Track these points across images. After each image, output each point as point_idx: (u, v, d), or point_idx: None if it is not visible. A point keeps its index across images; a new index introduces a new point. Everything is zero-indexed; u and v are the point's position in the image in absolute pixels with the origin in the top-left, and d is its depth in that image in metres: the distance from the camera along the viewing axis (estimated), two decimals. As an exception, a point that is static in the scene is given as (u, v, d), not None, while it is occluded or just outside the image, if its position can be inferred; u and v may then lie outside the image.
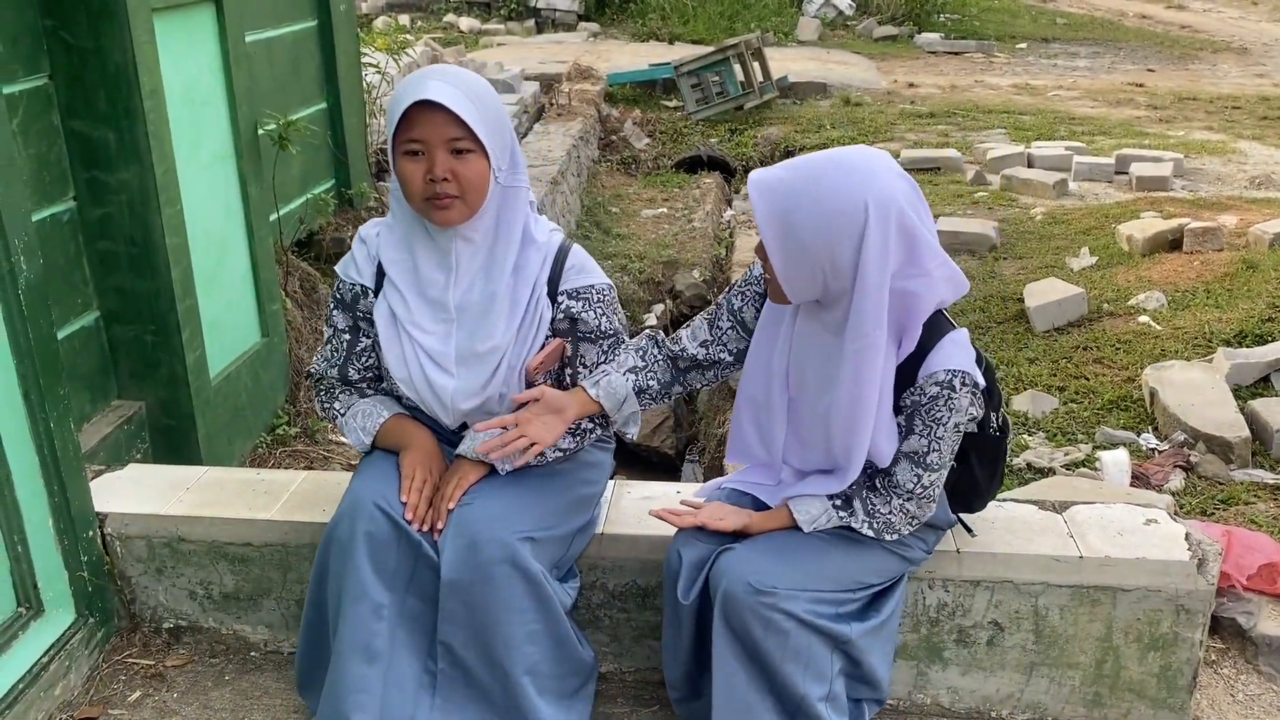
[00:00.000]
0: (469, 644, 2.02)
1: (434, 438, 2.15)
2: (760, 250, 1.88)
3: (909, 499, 1.96)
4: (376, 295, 2.09)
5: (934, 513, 2.06)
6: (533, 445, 2.00)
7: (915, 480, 1.95)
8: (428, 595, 2.03)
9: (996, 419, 2.06)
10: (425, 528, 2.02)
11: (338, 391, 2.21)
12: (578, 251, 2.10)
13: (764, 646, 1.93)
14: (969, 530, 2.24)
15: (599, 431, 2.16)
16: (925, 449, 1.92)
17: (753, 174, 1.84)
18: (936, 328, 1.90)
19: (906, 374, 1.90)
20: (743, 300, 2.10)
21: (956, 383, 1.87)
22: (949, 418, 1.89)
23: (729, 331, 2.11)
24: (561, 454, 2.13)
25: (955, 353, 1.88)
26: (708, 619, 2.02)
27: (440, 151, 1.89)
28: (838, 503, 2.00)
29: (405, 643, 2.03)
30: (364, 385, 2.20)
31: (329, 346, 2.18)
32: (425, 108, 1.86)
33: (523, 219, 2.04)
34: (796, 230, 1.79)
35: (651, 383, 2.12)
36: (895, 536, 2.01)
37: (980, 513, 2.33)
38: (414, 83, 1.89)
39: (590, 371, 2.11)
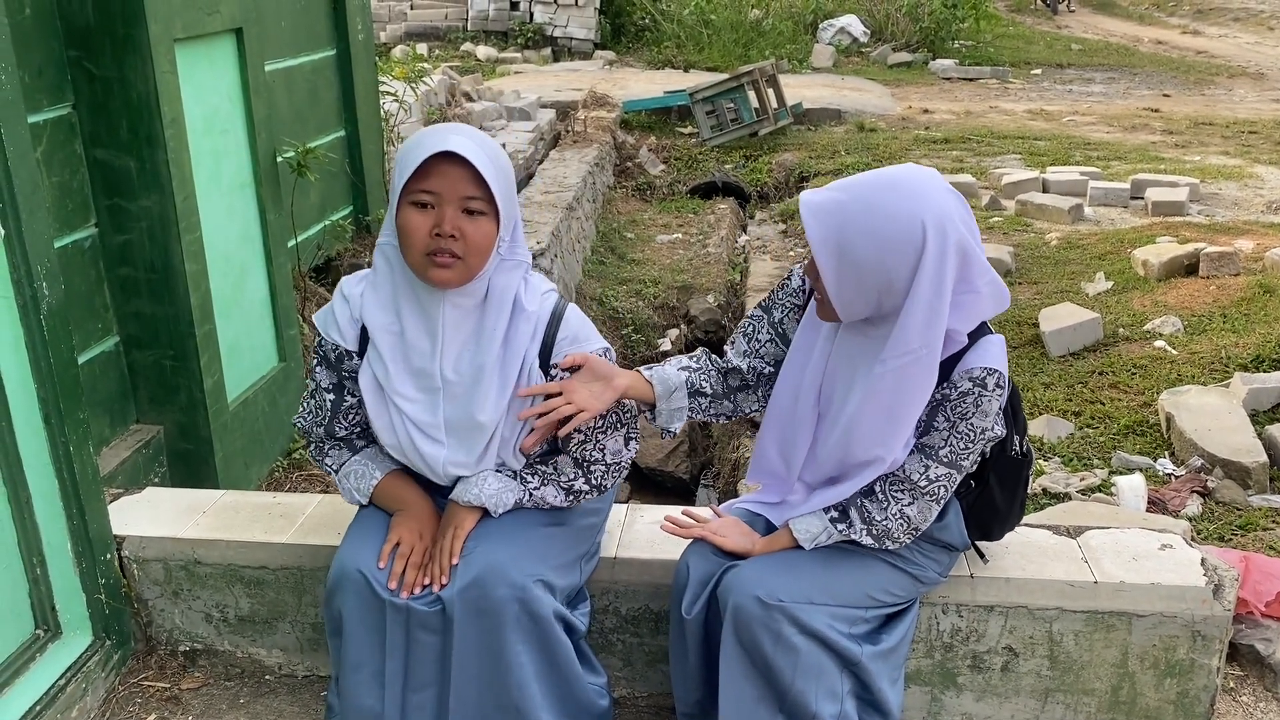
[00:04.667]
0: (484, 695, 1.99)
1: (429, 500, 2.10)
2: (811, 270, 1.88)
3: (910, 500, 1.94)
4: (361, 356, 2.02)
5: (946, 531, 2.05)
6: (580, 413, 1.92)
7: (921, 472, 1.92)
8: (431, 655, 1.99)
9: (1019, 443, 2.06)
10: (413, 593, 1.97)
11: (328, 447, 2.14)
12: (570, 319, 2.02)
13: (775, 664, 1.92)
14: (982, 556, 2.23)
15: (593, 494, 2.10)
16: (940, 443, 1.91)
17: (804, 195, 1.84)
18: (980, 329, 1.91)
19: (941, 373, 1.89)
20: (783, 312, 2.10)
21: (990, 381, 1.86)
22: (973, 414, 1.88)
23: (768, 344, 2.10)
24: (551, 508, 2.08)
25: (994, 352, 1.88)
26: (712, 636, 2.02)
27: (451, 207, 1.83)
28: (834, 515, 1.99)
29: (416, 705, 2.02)
30: (353, 439, 2.14)
31: (313, 402, 2.10)
32: (444, 160, 1.81)
33: (515, 290, 1.97)
34: (852, 252, 1.78)
35: (705, 385, 2.10)
36: (895, 545, 1.98)
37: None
38: (433, 134, 1.84)
39: (586, 437, 2.05)
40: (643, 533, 2.40)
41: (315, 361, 2.09)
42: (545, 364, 2.00)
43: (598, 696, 2.11)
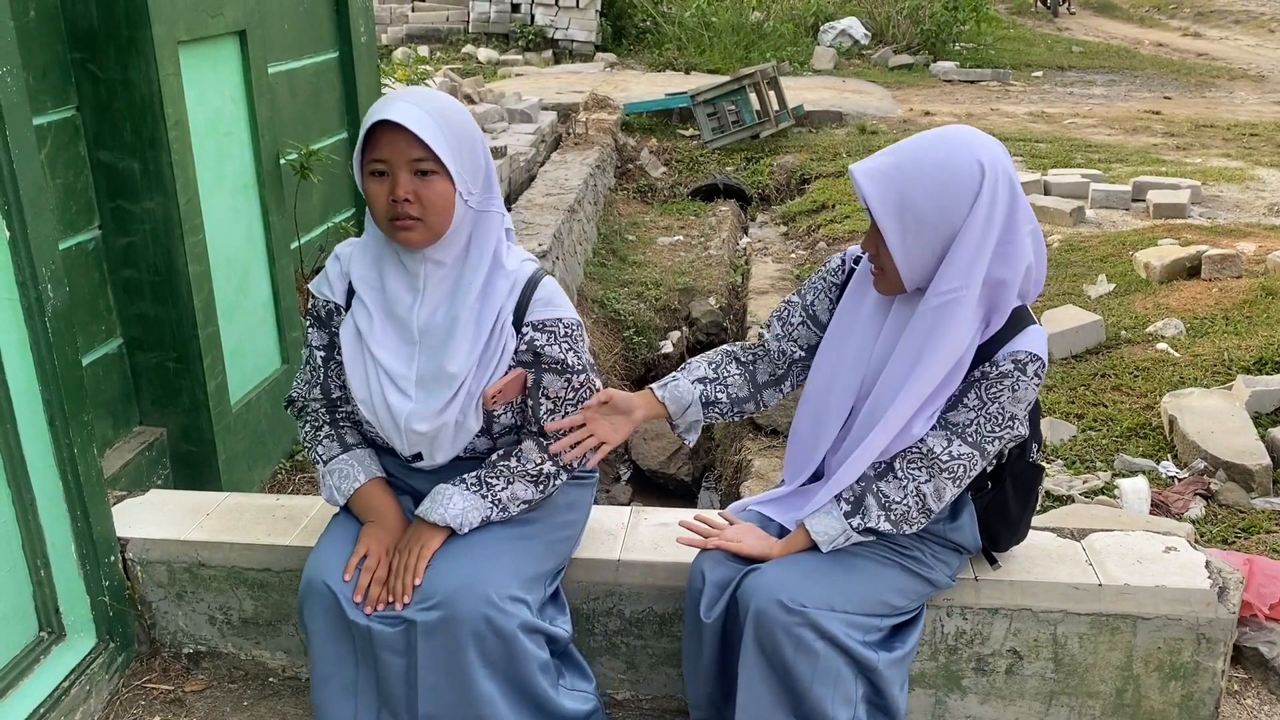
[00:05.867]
0: (455, 713, 1.98)
1: (401, 512, 2.09)
2: (871, 241, 1.89)
3: (927, 478, 1.92)
4: (346, 313, 2.07)
5: (959, 532, 2.06)
6: (601, 445, 2.01)
7: (944, 446, 1.91)
8: (397, 676, 1.98)
9: (1036, 450, 2.07)
10: (377, 609, 1.97)
11: (321, 434, 2.15)
12: (548, 284, 2.05)
13: (795, 669, 1.92)
14: (992, 561, 2.22)
15: (563, 477, 2.10)
16: (968, 421, 1.90)
17: (853, 167, 1.86)
18: (1025, 316, 1.92)
19: (983, 354, 1.90)
20: (815, 294, 2.11)
21: (1031, 368, 1.88)
22: (1006, 398, 1.88)
23: (799, 327, 2.12)
24: (525, 505, 2.08)
25: (1039, 341, 1.90)
26: (730, 639, 2.02)
27: (403, 172, 1.87)
28: (848, 508, 1.97)
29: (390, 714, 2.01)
30: (344, 434, 2.15)
31: (308, 366, 2.16)
32: (388, 128, 1.85)
33: (494, 244, 2.01)
34: (914, 205, 1.81)
35: (720, 396, 2.13)
36: (911, 529, 1.96)
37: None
38: (381, 104, 1.88)
39: (556, 407, 2.06)
40: (647, 536, 2.40)
41: (309, 324, 2.14)
42: (518, 322, 2.02)
43: (580, 702, 2.08)
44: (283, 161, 3.84)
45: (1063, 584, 2.20)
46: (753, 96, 9.84)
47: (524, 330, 2.01)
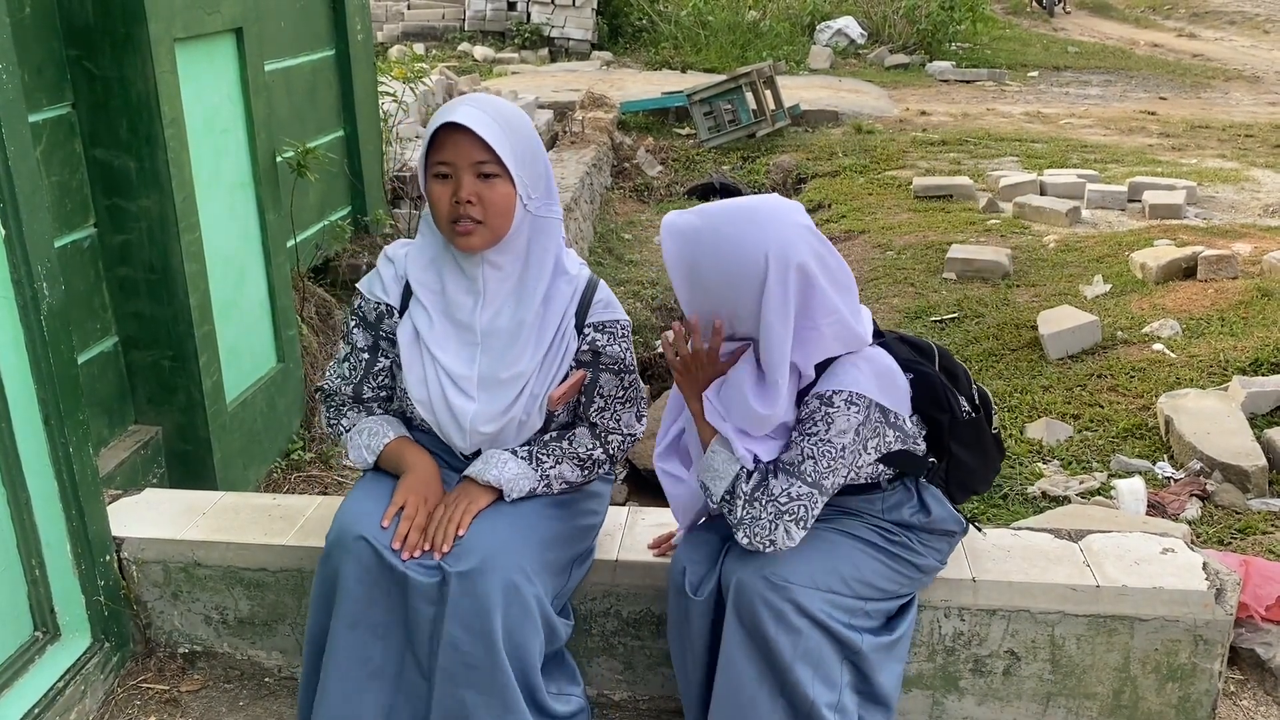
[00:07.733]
0: (472, 668, 1.98)
1: (435, 464, 2.13)
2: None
3: (775, 515, 1.89)
4: (401, 315, 2.09)
5: (943, 523, 2.08)
6: None
7: (783, 488, 1.90)
8: (425, 624, 2.00)
9: (964, 403, 2.07)
10: (414, 555, 1.99)
11: (347, 409, 2.20)
12: (604, 288, 2.13)
13: (776, 644, 1.92)
14: (978, 528, 2.24)
15: (607, 465, 2.15)
16: (799, 457, 1.91)
17: (666, 217, 1.92)
18: (837, 359, 1.95)
19: (803, 397, 1.96)
20: None
21: (838, 400, 1.90)
22: (825, 431, 1.90)
23: None
24: (568, 486, 2.12)
25: (849, 376, 1.92)
26: (717, 625, 2.02)
27: (467, 174, 1.93)
28: (756, 475, 1.94)
29: (411, 663, 2.03)
30: (374, 405, 2.19)
31: (345, 364, 2.17)
32: (453, 131, 1.92)
33: (555, 250, 2.07)
34: (701, 276, 1.88)
35: None
36: (744, 540, 1.92)
37: (995, 537, 2.33)
38: (448, 108, 1.95)
39: (606, 404, 2.11)
40: (644, 535, 2.39)
41: (352, 324, 2.16)
42: (579, 324, 2.08)
43: (562, 705, 2.09)
44: (279, 159, 3.83)
45: (1060, 585, 2.20)
46: (749, 96, 9.83)
47: (585, 331, 2.09)
